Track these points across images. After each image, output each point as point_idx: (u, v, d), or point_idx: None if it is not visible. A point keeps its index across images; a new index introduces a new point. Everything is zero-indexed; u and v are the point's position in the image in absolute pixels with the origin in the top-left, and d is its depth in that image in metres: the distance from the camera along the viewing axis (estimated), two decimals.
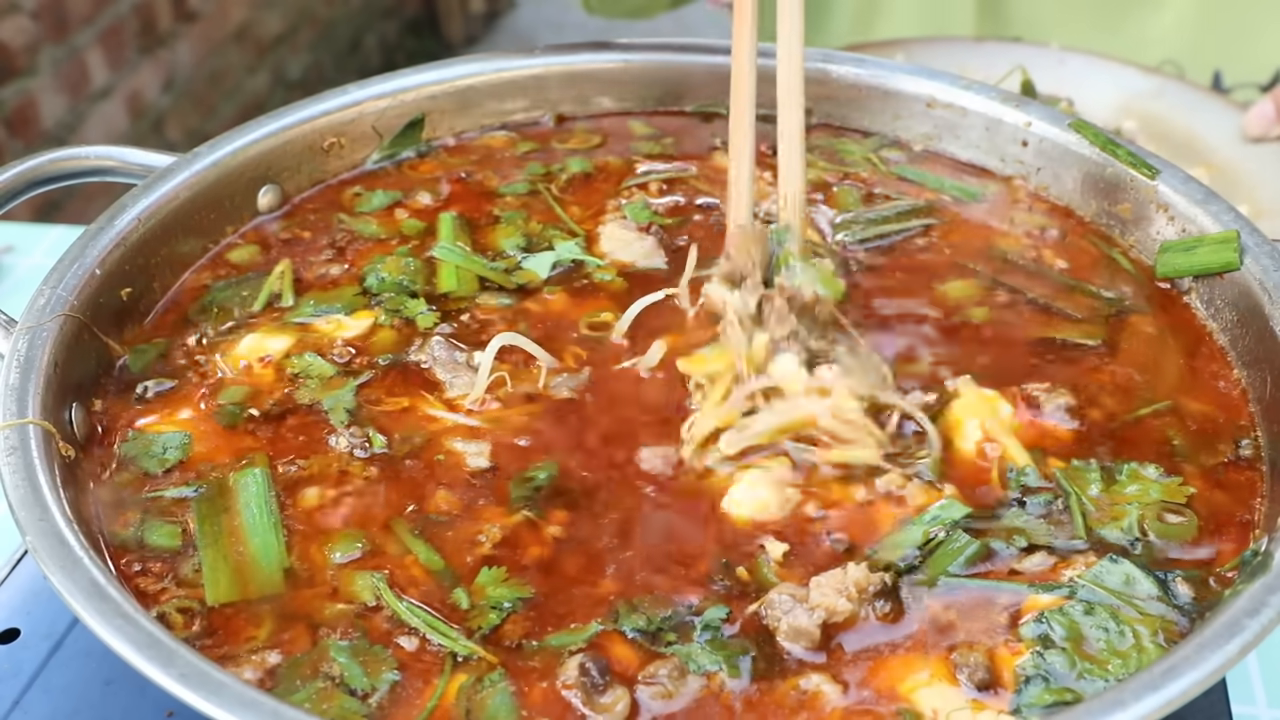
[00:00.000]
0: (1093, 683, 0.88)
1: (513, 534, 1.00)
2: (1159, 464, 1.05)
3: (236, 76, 4.18)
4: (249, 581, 0.96)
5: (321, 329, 1.20)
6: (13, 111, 3.08)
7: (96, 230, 1.19)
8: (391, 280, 1.25)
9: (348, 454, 1.07)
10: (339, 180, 1.43)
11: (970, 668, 0.89)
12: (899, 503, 1.02)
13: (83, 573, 0.87)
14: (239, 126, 1.36)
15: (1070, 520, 1.00)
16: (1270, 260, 1.16)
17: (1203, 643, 0.82)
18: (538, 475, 1.04)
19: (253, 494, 1.02)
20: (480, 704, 0.87)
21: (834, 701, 0.88)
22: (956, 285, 1.26)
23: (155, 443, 1.08)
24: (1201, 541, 0.99)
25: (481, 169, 1.45)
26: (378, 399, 1.12)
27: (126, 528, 1.01)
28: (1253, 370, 1.14)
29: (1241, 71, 2.02)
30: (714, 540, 0.99)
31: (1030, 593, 0.94)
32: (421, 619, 0.93)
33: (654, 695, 0.88)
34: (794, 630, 0.91)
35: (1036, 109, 1.40)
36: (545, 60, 1.52)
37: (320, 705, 0.87)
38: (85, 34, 3.33)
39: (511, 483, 1.04)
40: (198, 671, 0.81)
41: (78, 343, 1.11)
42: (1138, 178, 1.30)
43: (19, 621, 1.09)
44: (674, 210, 1.37)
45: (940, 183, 1.41)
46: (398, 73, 1.47)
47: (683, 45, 1.53)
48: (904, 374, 1.14)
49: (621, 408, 1.11)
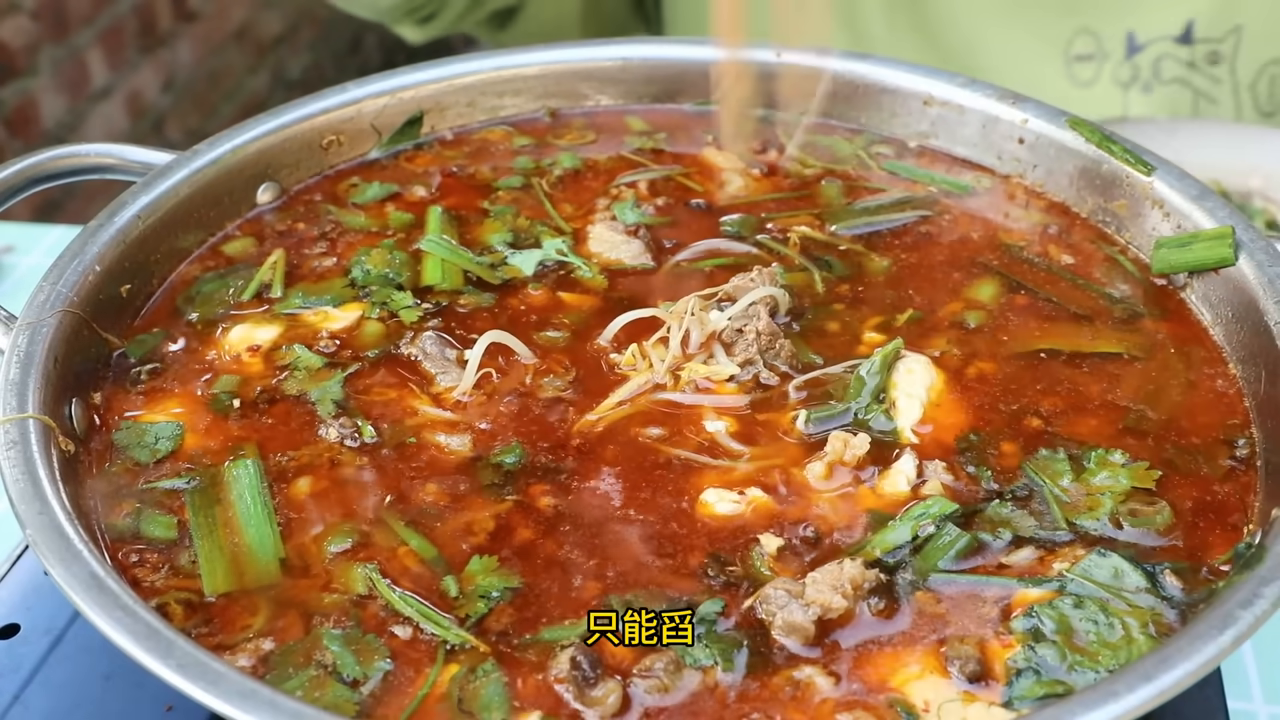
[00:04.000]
0: (1083, 675, 0.88)
1: (503, 521, 1.00)
2: (1125, 449, 1.05)
3: (236, 76, 4.19)
4: (245, 572, 0.97)
5: (308, 320, 1.21)
6: (13, 111, 3.09)
7: (96, 227, 1.20)
8: (377, 273, 1.25)
9: (338, 444, 1.08)
10: (336, 170, 1.44)
11: (961, 660, 0.90)
12: (873, 490, 1.03)
13: (82, 566, 0.88)
14: (238, 124, 1.37)
15: (1049, 511, 1.01)
16: (1265, 256, 1.16)
17: (1196, 634, 0.83)
18: (506, 459, 1.05)
19: (246, 485, 1.03)
20: (473, 694, 0.88)
21: (826, 693, 0.88)
22: (952, 278, 1.27)
23: (148, 433, 1.08)
24: (1191, 536, 1.00)
25: (475, 163, 1.46)
26: (367, 390, 1.13)
27: (123, 519, 1.01)
28: (1247, 366, 1.14)
29: (1154, 28, 2.03)
30: (703, 535, 1.00)
31: (1020, 587, 0.95)
32: (414, 608, 0.93)
33: (650, 689, 0.88)
34: (789, 626, 0.91)
35: (1033, 106, 1.40)
36: (543, 57, 1.53)
37: (312, 693, 0.88)
38: (85, 34, 3.34)
39: (480, 466, 1.05)
40: (196, 662, 0.81)
41: (77, 338, 1.11)
42: (1133, 174, 1.30)
43: (19, 617, 1.09)
44: (663, 210, 1.37)
45: (930, 177, 1.42)
46: (396, 71, 1.47)
47: (681, 43, 1.54)
48: None
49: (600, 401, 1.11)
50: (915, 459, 1.04)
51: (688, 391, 1.12)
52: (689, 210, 1.38)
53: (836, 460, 1.04)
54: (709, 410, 1.10)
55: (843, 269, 1.28)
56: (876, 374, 1.11)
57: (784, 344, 1.14)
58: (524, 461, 1.05)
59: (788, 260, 1.28)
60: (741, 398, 1.12)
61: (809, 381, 1.13)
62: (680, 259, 1.30)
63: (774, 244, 1.31)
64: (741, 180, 1.42)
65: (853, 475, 1.04)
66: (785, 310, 1.19)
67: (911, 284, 1.26)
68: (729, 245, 1.32)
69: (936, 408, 1.10)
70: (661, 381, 1.12)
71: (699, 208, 1.38)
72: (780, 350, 1.14)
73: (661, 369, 1.12)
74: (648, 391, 1.12)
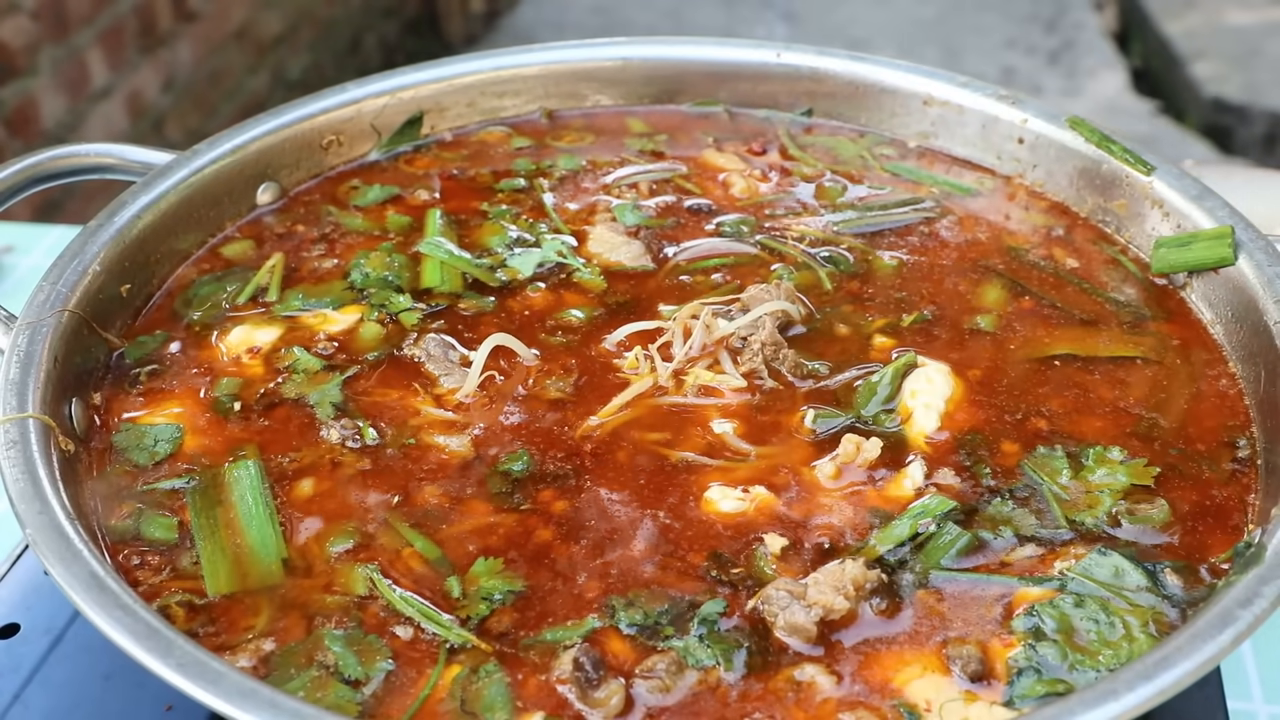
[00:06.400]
0: (1084, 674, 0.88)
1: (504, 526, 1.00)
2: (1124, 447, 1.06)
3: (236, 76, 4.18)
4: (248, 573, 0.97)
5: (308, 322, 1.21)
6: (13, 111, 3.08)
7: (96, 227, 1.19)
8: (376, 275, 1.25)
9: (339, 446, 1.08)
10: (337, 172, 1.44)
11: (963, 660, 0.89)
12: (880, 491, 1.03)
13: (82, 565, 0.88)
14: (238, 124, 1.37)
15: (1049, 509, 1.01)
16: (1265, 255, 1.16)
17: (1195, 633, 0.83)
18: (513, 466, 1.05)
19: (247, 486, 1.02)
20: (475, 694, 0.88)
21: (828, 692, 0.88)
22: (958, 281, 1.27)
23: (146, 435, 1.08)
24: (1191, 534, 1.00)
25: (474, 165, 1.46)
26: (367, 392, 1.13)
27: (124, 520, 1.01)
28: (1247, 366, 1.14)
29: None
30: (707, 535, 1.00)
31: (1021, 586, 0.95)
32: (415, 608, 0.93)
33: (651, 689, 0.88)
34: (791, 626, 0.91)
35: (1033, 106, 1.40)
36: (543, 58, 1.52)
37: (314, 694, 0.87)
38: (85, 34, 3.33)
39: (488, 475, 1.05)
40: (195, 661, 0.81)
41: (77, 338, 1.11)
42: (1133, 174, 1.30)
43: (19, 617, 1.09)
44: (664, 211, 1.37)
45: (933, 179, 1.42)
46: (395, 71, 1.48)
47: (681, 43, 1.54)
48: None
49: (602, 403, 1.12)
50: (925, 465, 1.04)
51: (690, 395, 1.12)
52: (689, 211, 1.38)
53: (848, 462, 1.05)
54: (715, 411, 1.10)
55: (850, 265, 1.28)
56: (889, 384, 1.11)
57: (788, 354, 1.14)
58: (531, 469, 1.05)
59: (790, 259, 1.28)
60: (745, 397, 1.11)
61: (813, 391, 1.13)
62: (681, 260, 1.30)
63: (774, 243, 1.31)
64: (742, 181, 1.42)
65: (865, 476, 1.04)
66: (795, 323, 1.19)
67: (918, 285, 1.26)
68: (730, 246, 1.32)
69: (950, 417, 1.10)
70: (665, 385, 1.12)
71: (699, 208, 1.38)
72: (784, 360, 1.14)
73: (665, 372, 1.12)
74: (650, 395, 1.12)
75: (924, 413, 1.09)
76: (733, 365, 1.14)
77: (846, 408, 1.11)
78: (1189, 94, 4.95)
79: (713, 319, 1.16)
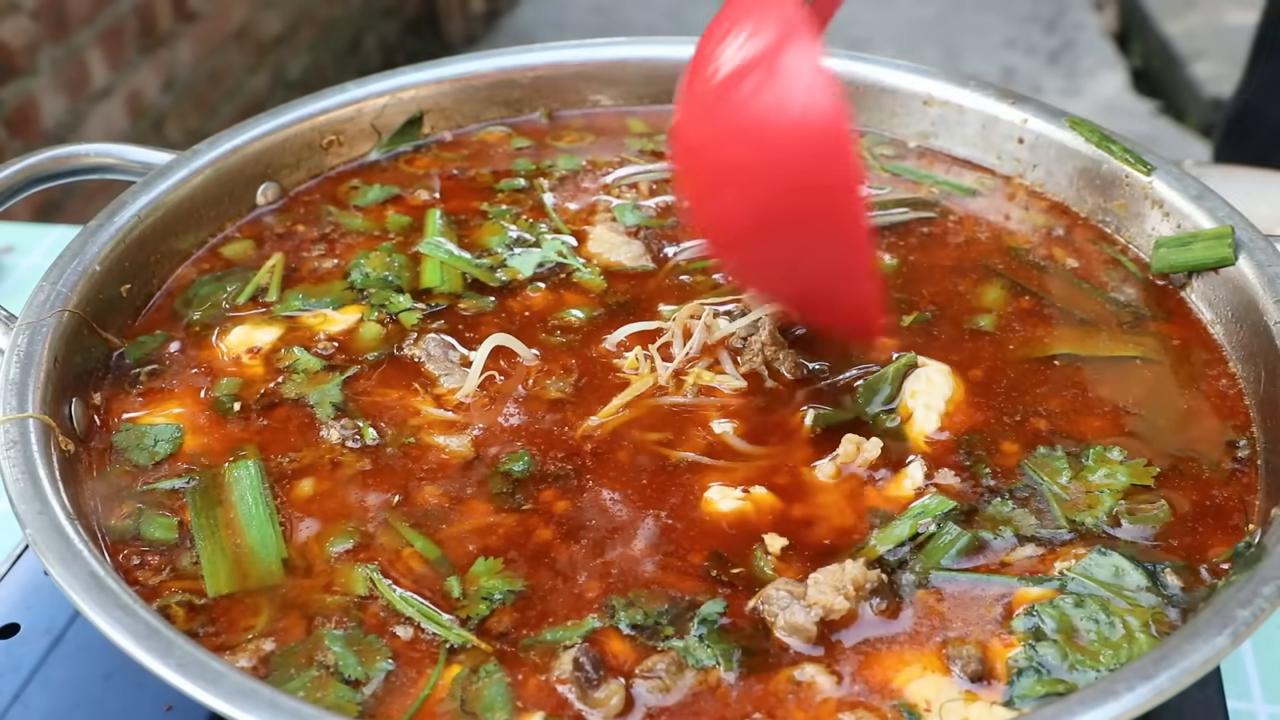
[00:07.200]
0: (1084, 674, 0.88)
1: (504, 526, 1.00)
2: (1124, 446, 1.06)
3: (236, 76, 4.18)
4: (248, 573, 0.97)
5: (308, 322, 1.21)
6: (13, 111, 3.08)
7: (96, 227, 1.20)
8: (376, 275, 1.25)
9: (339, 446, 1.08)
10: (337, 172, 1.44)
11: (963, 660, 0.90)
12: (880, 491, 1.03)
13: (82, 565, 0.88)
14: (238, 124, 1.37)
15: (1049, 509, 1.01)
16: (1265, 255, 1.16)
17: (1194, 633, 0.83)
18: (513, 466, 1.05)
19: (247, 486, 1.03)
20: (475, 694, 0.88)
21: (828, 693, 0.88)
22: (958, 281, 1.27)
23: (146, 435, 1.08)
24: (1192, 535, 1.00)
25: (474, 165, 1.46)
26: (368, 392, 1.13)
27: (123, 520, 1.01)
28: (1247, 366, 1.14)
29: None
30: (707, 535, 1.00)
31: (1021, 586, 0.95)
32: (415, 608, 0.93)
33: (651, 689, 0.88)
34: (791, 626, 0.91)
35: (1033, 106, 1.40)
36: (543, 58, 1.53)
37: (314, 694, 0.88)
38: (85, 34, 3.33)
39: (489, 475, 1.05)
40: (195, 661, 0.81)
41: (77, 338, 1.11)
42: (1133, 174, 1.30)
43: (19, 617, 1.09)
44: (664, 211, 1.37)
45: (931, 178, 1.42)
46: (395, 71, 1.48)
47: (681, 43, 1.54)
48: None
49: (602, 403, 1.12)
50: (925, 465, 1.04)
51: (690, 395, 1.12)
52: None
53: (848, 462, 1.05)
54: (715, 412, 1.10)
55: None
56: (889, 384, 1.12)
57: (788, 354, 1.15)
58: (531, 469, 1.05)
59: None
60: (744, 398, 1.12)
61: (813, 391, 1.13)
62: (681, 260, 1.30)
63: None
64: None
65: (865, 476, 1.04)
66: (795, 323, 1.19)
67: (918, 285, 1.26)
68: None
69: (951, 417, 1.10)
70: (665, 385, 1.12)
71: None
72: (784, 360, 1.14)
73: (665, 373, 1.12)
74: (650, 395, 1.12)
75: (924, 413, 1.09)
76: (733, 365, 1.14)
77: (846, 408, 1.11)
78: (1189, 94, 4.95)
79: (713, 319, 1.16)
